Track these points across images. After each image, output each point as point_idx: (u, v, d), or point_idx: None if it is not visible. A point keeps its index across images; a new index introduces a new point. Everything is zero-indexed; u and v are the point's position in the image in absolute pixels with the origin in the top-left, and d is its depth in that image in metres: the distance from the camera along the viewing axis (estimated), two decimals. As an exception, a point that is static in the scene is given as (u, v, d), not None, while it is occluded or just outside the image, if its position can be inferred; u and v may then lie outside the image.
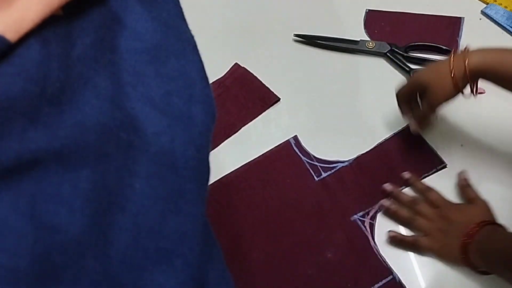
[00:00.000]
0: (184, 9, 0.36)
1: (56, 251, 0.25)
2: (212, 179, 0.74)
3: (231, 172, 0.75)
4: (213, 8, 0.95)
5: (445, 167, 0.72)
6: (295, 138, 0.78)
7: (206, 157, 0.34)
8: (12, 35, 0.24)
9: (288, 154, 0.76)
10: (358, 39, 0.85)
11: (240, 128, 0.80)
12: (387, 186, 0.69)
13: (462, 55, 0.60)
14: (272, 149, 0.77)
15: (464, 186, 0.67)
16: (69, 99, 0.27)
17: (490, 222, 0.60)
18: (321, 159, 0.75)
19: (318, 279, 0.65)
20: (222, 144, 0.78)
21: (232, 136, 0.79)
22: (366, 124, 0.78)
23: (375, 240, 0.68)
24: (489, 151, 0.74)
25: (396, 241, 0.66)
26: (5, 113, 0.24)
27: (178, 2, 0.36)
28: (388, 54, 0.82)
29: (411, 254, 0.66)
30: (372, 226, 0.69)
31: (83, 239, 0.26)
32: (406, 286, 0.64)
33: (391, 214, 0.68)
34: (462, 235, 0.60)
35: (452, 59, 0.61)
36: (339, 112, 0.81)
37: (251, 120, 0.80)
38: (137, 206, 0.29)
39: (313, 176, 0.73)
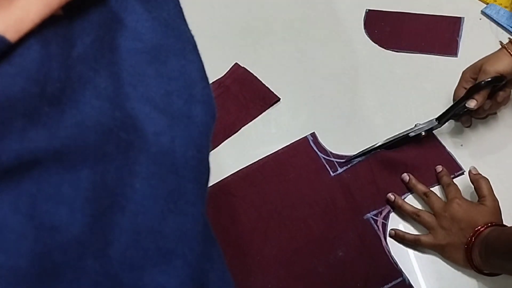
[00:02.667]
0: (184, 9, 0.36)
1: (56, 251, 0.25)
2: (227, 173, 0.75)
3: (247, 166, 0.75)
4: (213, 8, 0.95)
5: (462, 173, 0.72)
6: (313, 134, 0.78)
7: (206, 157, 0.34)
8: (12, 35, 0.24)
9: (306, 150, 0.76)
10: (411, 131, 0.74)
11: (240, 128, 0.80)
12: (405, 177, 0.70)
13: None
14: (289, 144, 0.77)
15: (477, 180, 0.66)
16: (69, 99, 0.27)
17: (494, 224, 0.60)
18: (338, 155, 0.75)
19: (328, 277, 0.66)
20: (222, 144, 0.78)
21: (232, 136, 0.79)
22: (368, 125, 0.78)
23: (387, 240, 0.68)
24: (489, 151, 0.74)
25: (398, 238, 0.66)
26: (5, 113, 0.24)
27: (178, 2, 0.36)
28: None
29: (417, 259, 0.66)
30: (384, 226, 0.69)
31: (83, 239, 0.26)
32: None
33: (396, 208, 0.68)
34: (464, 236, 0.60)
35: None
36: (339, 112, 0.81)
37: (251, 120, 0.80)
38: (137, 206, 0.29)
39: (329, 172, 0.74)
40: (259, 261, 0.68)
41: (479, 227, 0.59)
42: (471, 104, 0.67)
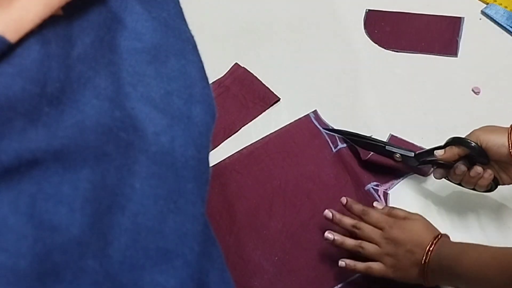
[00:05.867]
0: (184, 9, 0.36)
1: (56, 250, 0.25)
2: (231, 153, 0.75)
3: (250, 144, 0.76)
4: (213, 8, 0.95)
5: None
6: (315, 112, 0.79)
7: (206, 157, 0.34)
8: (12, 35, 0.24)
9: (308, 127, 0.78)
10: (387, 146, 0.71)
11: (240, 128, 0.80)
12: (327, 214, 0.65)
13: None
14: (291, 122, 0.78)
15: (389, 213, 0.64)
16: (69, 99, 0.27)
17: (439, 236, 0.59)
18: (342, 130, 0.76)
19: (334, 248, 0.66)
20: (222, 144, 0.78)
21: (232, 136, 0.79)
22: (368, 125, 0.78)
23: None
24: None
25: (348, 269, 0.63)
26: (5, 113, 0.24)
27: (178, 2, 0.36)
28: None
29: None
30: (386, 195, 0.70)
31: (83, 239, 0.26)
32: None
33: (337, 246, 0.64)
34: (413, 256, 0.59)
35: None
36: (339, 112, 0.81)
37: (251, 120, 0.80)
38: (137, 206, 0.29)
39: (331, 148, 0.75)
40: (265, 235, 0.69)
41: (429, 246, 0.57)
42: (438, 152, 0.63)
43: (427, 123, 0.77)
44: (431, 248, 0.58)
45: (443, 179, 0.66)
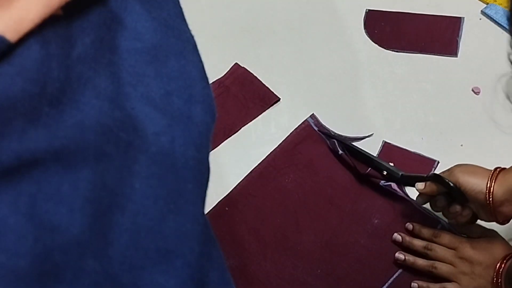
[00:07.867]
0: (184, 9, 0.36)
1: (56, 251, 0.25)
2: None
3: (258, 164, 0.75)
4: (213, 8, 0.95)
5: (438, 163, 0.73)
6: (313, 116, 0.78)
7: (206, 157, 0.34)
8: (12, 35, 0.24)
9: (309, 134, 0.77)
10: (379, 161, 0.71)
11: (240, 128, 0.80)
12: (397, 237, 0.67)
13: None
14: (292, 132, 0.78)
15: (468, 227, 0.64)
16: (69, 99, 0.27)
17: (510, 255, 0.58)
18: (341, 135, 0.76)
19: (372, 246, 0.66)
20: (222, 144, 0.78)
21: (232, 136, 0.79)
22: (368, 125, 0.78)
23: (410, 196, 0.69)
24: (488, 150, 0.74)
25: None
26: (5, 113, 0.24)
27: (178, 2, 0.36)
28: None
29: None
30: (400, 186, 0.70)
31: (83, 239, 0.26)
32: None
33: (409, 267, 0.65)
34: (489, 275, 0.58)
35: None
36: (339, 112, 0.81)
37: (251, 120, 0.80)
38: (137, 206, 0.29)
39: (338, 149, 0.74)
40: (301, 251, 0.68)
41: (499, 263, 0.57)
42: (418, 185, 0.64)
43: (427, 123, 0.77)
44: (501, 269, 0.57)
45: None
